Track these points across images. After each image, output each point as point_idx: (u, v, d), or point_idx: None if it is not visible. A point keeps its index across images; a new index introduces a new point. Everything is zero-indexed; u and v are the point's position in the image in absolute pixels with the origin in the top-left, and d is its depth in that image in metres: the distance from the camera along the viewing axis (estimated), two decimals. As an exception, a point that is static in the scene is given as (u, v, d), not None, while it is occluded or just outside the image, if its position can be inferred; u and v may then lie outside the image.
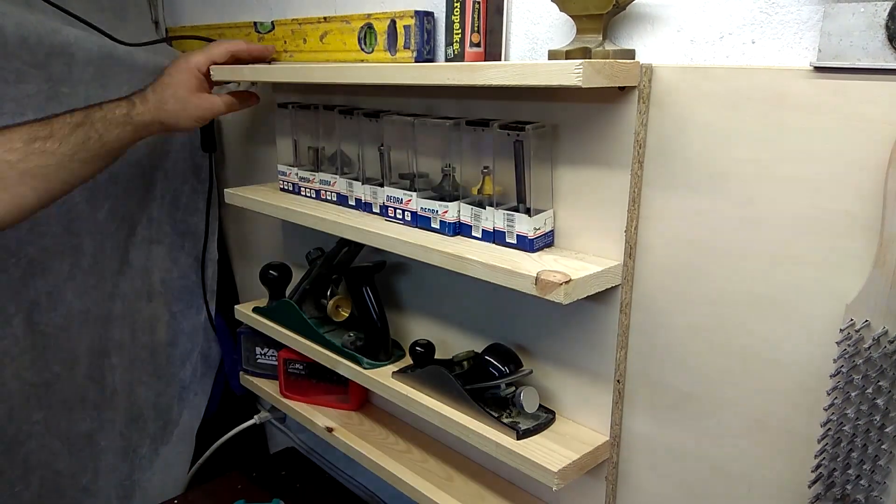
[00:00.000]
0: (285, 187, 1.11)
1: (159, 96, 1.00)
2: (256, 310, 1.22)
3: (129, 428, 1.37)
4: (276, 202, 1.04)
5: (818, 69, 0.59)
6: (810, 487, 0.64)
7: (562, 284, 0.67)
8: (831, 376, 0.61)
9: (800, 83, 0.60)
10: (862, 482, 0.61)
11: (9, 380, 1.17)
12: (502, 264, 0.73)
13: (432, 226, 0.86)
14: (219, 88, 1.11)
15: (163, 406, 1.41)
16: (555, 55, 0.73)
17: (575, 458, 0.78)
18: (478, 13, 0.83)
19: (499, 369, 0.85)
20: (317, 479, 1.37)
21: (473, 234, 0.83)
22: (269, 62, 1.10)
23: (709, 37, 0.68)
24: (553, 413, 0.86)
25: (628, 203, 0.73)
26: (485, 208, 0.81)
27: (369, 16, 0.96)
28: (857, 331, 0.59)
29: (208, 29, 1.27)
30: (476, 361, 0.89)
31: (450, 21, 0.85)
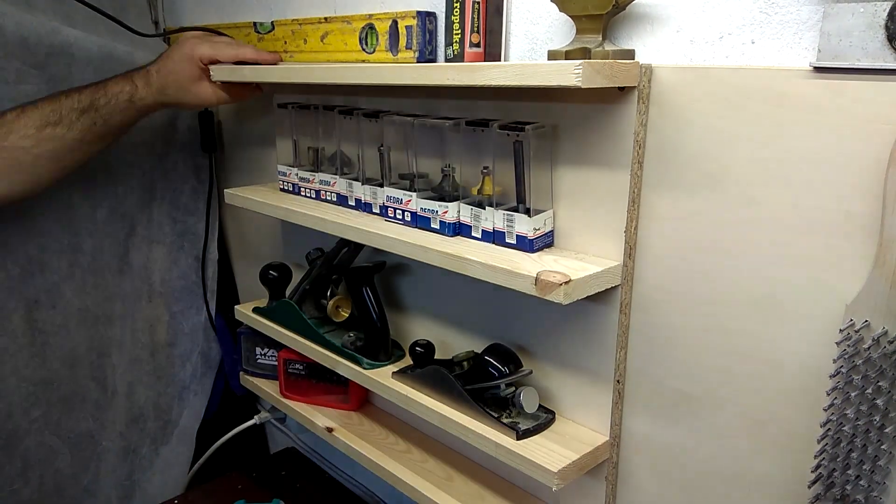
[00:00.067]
0: (285, 187, 1.11)
1: (162, 82, 1.05)
2: (256, 310, 1.22)
3: (129, 428, 1.37)
4: (276, 202, 1.04)
5: (818, 69, 0.59)
6: (810, 487, 0.64)
7: (561, 285, 0.67)
8: (831, 376, 0.61)
9: (799, 83, 0.60)
10: (862, 482, 0.61)
11: (7, 376, 1.17)
12: (502, 264, 0.73)
13: (432, 226, 0.86)
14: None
15: (163, 406, 1.41)
16: (554, 55, 0.73)
17: (575, 458, 0.78)
18: (477, 13, 0.83)
19: (499, 369, 0.85)
20: (317, 479, 1.37)
21: (473, 234, 0.83)
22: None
23: (708, 37, 0.68)
24: (553, 413, 0.86)
25: (628, 203, 0.73)
26: (484, 208, 0.81)
27: (370, 16, 0.96)
28: (857, 331, 0.59)
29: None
30: (476, 361, 0.89)
31: (449, 21, 0.85)
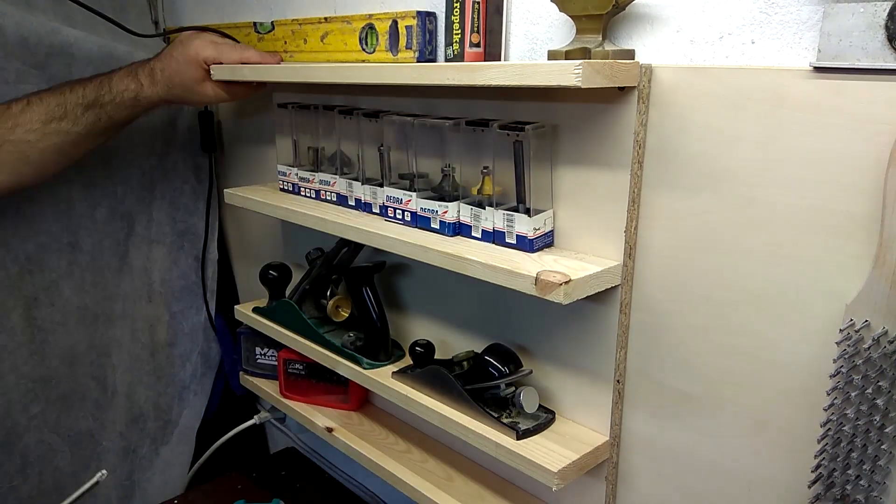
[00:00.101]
0: (285, 187, 1.11)
1: (167, 81, 1.06)
2: (256, 310, 1.22)
3: (129, 428, 1.37)
4: (275, 202, 1.04)
5: (818, 69, 0.59)
6: (810, 487, 0.64)
7: (561, 285, 0.67)
8: (831, 376, 0.61)
9: (799, 83, 0.60)
10: (862, 482, 0.61)
11: (6, 374, 1.17)
12: (502, 264, 0.73)
13: (432, 226, 0.86)
14: None
15: (163, 406, 1.41)
16: (554, 55, 0.73)
17: (575, 458, 0.78)
18: (477, 13, 0.83)
19: (499, 369, 0.85)
20: (317, 479, 1.37)
21: (473, 234, 0.83)
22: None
23: (708, 37, 0.68)
24: (553, 413, 0.86)
25: (628, 203, 0.73)
26: (484, 208, 0.81)
27: (370, 16, 0.96)
28: (857, 331, 0.59)
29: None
30: (476, 361, 0.89)
31: (449, 21, 0.85)
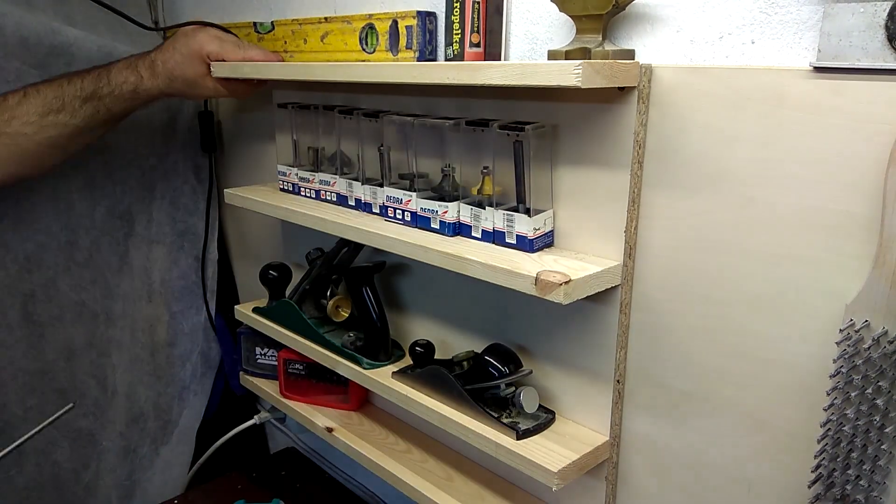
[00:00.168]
0: (285, 187, 1.11)
1: (168, 75, 1.05)
2: (256, 310, 1.22)
3: (129, 428, 1.37)
4: (275, 202, 1.04)
5: (818, 69, 0.59)
6: (810, 487, 0.64)
7: (561, 285, 0.67)
8: (831, 376, 0.61)
9: (799, 83, 0.60)
10: (862, 482, 0.61)
11: (3, 368, 1.18)
12: (502, 264, 0.73)
13: (432, 226, 0.86)
14: None
15: (163, 406, 1.41)
16: (554, 55, 0.73)
17: (575, 458, 0.78)
18: (477, 13, 0.83)
19: (499, 369, 0.85)
20: (317, 479, 1.37)
21: (473, 234, 0.83)
22: None
23: (708, 37, 0.68)
24: (553, 413, 0.86)
25: (628, 203, 0.73)
26: (484, 208, 0.81)
27: (370, 16, 0.96)
28: (857, 331, 0.59)
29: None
30: (476, 361, 0.89)
31: (449, 21, 0.85)
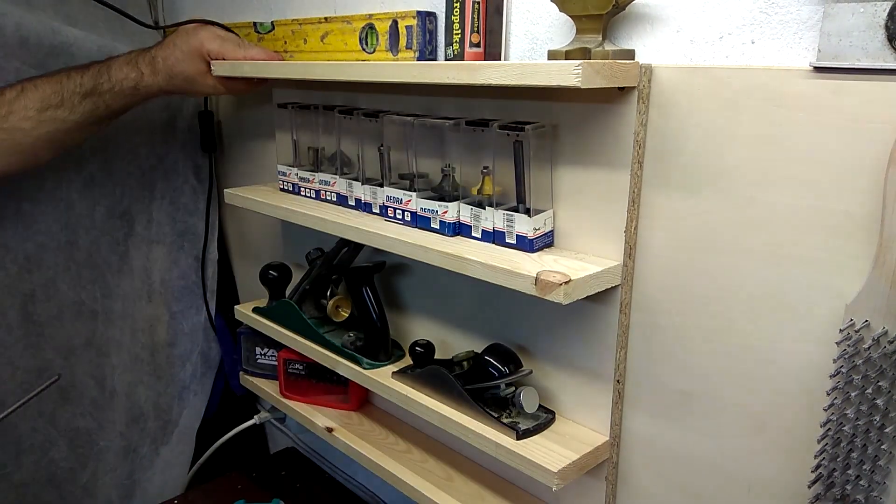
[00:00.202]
0: (285, 187, 1.11)
1: (168, 72, 1.04)
2: (256, 310, 1.22)
3: (130, 428, 1.37)
4: (275, 202, 1.04)
5: (818, 69, 0.59)
6: (810, 487, 0.64)
7: (561, 285, 0.67)
8: (831, 376, 0.61)
9: (799, 83, 0.60)
10: (862, 482, 0.61)
11: (2, 366, 1.18)
12: (502, 264, 0.73)
13: (432, 226, 0.86)
14: None
15: (163, 406, 1.41)
16: (554, 55, 0.73)
17: (575, 458, 0.78)
18: (477, 13, 0.83)
19: (499, 369, 0.85)
20: (317, 479, 1.37)
21: (473, 234, 0.83)
22: None
23: (708, 37, 0.68)
24: (553, 413, 0.86)
25: (628, 203, 0.73)
26: (484, 208, 0.81)
27: (370, 16, 0.96)
28: (857, 331, 0.59)
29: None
30: (476, 361, 0.89)
31: (449, 21, 0.85)
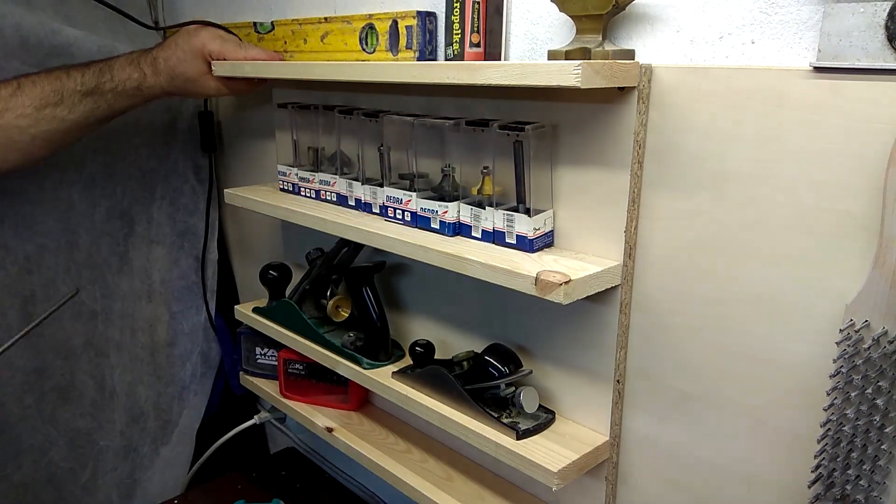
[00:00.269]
0: (285, 187, 1.11)
1: (170, 73, 1.04)
2: (256, 310, 1.22)
3: (130, 428, 1.37)
4: (275, 202, 1.04)
5: (818, 69, 0.59)
6: (810, 487, 0.64)
7: (561, 285, 0.67)
8: (831, 376, 0.61)
9: (799, 83, 0.60)
10: (862, 482, 0.61)
11: (1, 368, 1.18)
12: (502, 264, 0.73)
13: (432, 226, 0.86)
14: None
15: (163, 406, 1.41)
16: (554, 55, 0.73)
17: (575, 458, 0.78)
18: (477, 13, 0.83)
19: (499, 369, 0.85)
20: (317, 479, 1.37)
21: (473, 234, 0.83)
22: None
23: (708, 37, 0.68)
24: (553, 413, 0.86)
25: (628, 203, 0.73)
26: (484, 208, 0.81)
27: (370, 16, 0.96)
28: (857, 331, 0.59)
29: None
30: (476, 361, 0.89)
31: (449, 21, 0.85)
